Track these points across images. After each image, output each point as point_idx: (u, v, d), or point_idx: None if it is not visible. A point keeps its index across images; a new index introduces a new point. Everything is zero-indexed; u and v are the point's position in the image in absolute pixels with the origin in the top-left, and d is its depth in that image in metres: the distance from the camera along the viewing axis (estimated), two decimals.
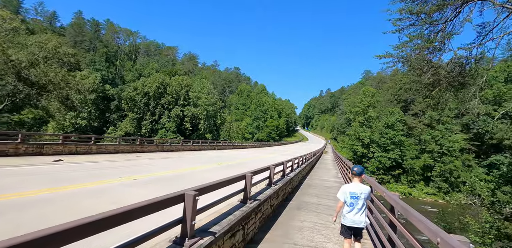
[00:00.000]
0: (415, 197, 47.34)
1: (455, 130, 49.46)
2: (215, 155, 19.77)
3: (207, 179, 6.23)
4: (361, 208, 3.66)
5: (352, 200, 3.66)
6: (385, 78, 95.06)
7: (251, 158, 19.08)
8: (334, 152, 36.93)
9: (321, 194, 9.49)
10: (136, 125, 63.48)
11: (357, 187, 3.72)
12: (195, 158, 17.11)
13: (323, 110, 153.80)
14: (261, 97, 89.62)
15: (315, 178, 13.82)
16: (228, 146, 29.49)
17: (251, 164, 15.00)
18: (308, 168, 15.96)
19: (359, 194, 3.67)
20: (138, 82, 65.84)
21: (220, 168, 12.30)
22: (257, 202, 4.72)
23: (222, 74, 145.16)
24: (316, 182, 12.28)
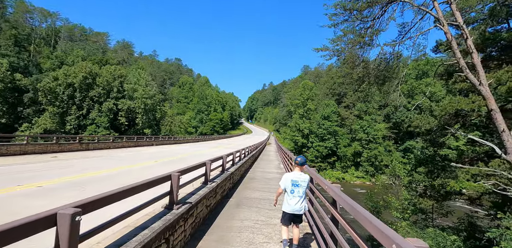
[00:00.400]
0: (348, 181, 52.60)
1: (378, 120, 56.13)
2: (153, 151, 18.02)
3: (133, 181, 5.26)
4: (302, 196, 3.84)
5: (293, 188, 3.83)
6: (321, 73, 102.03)
7: (192, 153, 18.01)
8: (277, 144, 38.08)
9: (263, 188, 9.25)
10: (59, 120, 54.80)
11: (298, 175, 3.90)
12: (127, 156, 15.23)
13: (266, 103, 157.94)
14: (204, 90, 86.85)
15: (258, 171, 13.68)
16: (169, 141, 27.49)
17: (192, 159, 14.04)
18: (251, 160, 15.76)
19: (300, 182, 3.85)
20: (60, 71, 56.49)
21: (154, 166, 11.06)
22: (187, 206, 4.01)
23: (162, 65, 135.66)
24: (259, 175, 12.15)
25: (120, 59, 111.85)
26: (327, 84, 71.32)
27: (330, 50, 11.61)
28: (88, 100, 56.60)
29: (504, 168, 10.29)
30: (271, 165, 17.03)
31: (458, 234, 12.10)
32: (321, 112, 57.33)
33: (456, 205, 25.96)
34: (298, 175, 3.92)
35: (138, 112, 59.19)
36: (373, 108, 56.43)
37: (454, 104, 9.84)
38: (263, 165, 16.42)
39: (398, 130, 58.26)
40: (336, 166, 56.32)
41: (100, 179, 7.88)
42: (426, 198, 13.44)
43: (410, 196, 13.32)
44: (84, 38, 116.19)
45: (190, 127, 77.28)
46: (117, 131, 58.54)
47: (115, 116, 58.35)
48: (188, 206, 4.01)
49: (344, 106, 62.55)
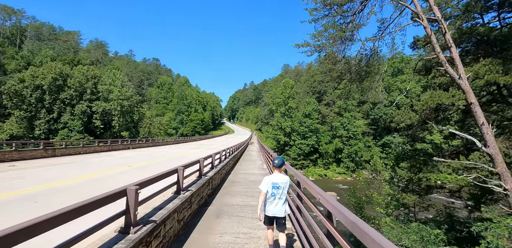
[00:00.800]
0: (330, 177, 53.23)
1: (358, 117, 57.30)
2: (129, 155, 16.84)
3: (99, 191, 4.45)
4: (282, 198, 3.76)
5: (274, 190, 3.74)
6: (301, 72, 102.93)
7: (172, 156, 17.03)
8: (259, 143, 37.60)
9: (246, 192, 8.61)
10: (27, 125, 51.13)
11: (279, 178, 3.81)
12: (99, 162, 14.01)
13: (248, 102, 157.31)
14: (183, 90, 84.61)
15: (240, 173, 13.01)
16: (147, 143, 26.04)
17: (171, 162, 13.17)
18: (232, 162, 15.07)
19: (280, 183, 3.77)
20: (26, 72, 52.71)
21: (128, 172, 10.10)
22: (150, 226, 3.24)
23: (139, 65, 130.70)
24: (241, 177, 11.55)
25: (94, 59, 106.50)
26: (308, 82, 71.92)
27: (311, 46, 11.18)
28: (59, 103, 53.33)
29: (485, 160, 10.37)
30: (253, 165, 16.45)
31: (439, 227, 12.18)
32: (302, 110, 57.60)
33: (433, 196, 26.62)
34: (278, 177, 3.83)
35: (114, 114, 56.59)
36: (353, 105, 57.51)
37: (435, 98, 9.79)
38: (245, 166, 15.82)
39: (377, 126, 59.80)
40: (318, 163, 56.87)
41: (60, 190, 6.90)
42: (409, 193, 13.46)
43: (392, 191, 13.29)
44: (54, 38, 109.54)
45: (170, 128, 75.00)
46: (92, 135, 55.70)
47: (89, 119, 55.48)
48: (152, 226, 3.30)
49: (324, 104, 63.27)
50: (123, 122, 58.72)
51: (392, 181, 14.82)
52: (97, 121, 54.65)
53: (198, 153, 18.44)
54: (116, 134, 57.60)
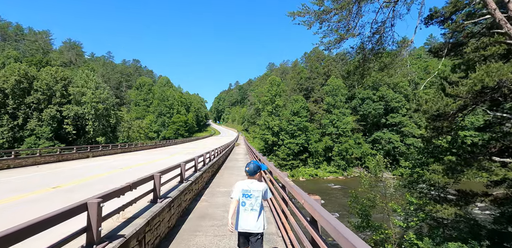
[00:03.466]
0: (321, 177, 51.28)
1: (347, 113, 55.72)
2: (77, 168, 12.86)
3: None
4: (256, 209, 3.05)
5: (244, 199, 3.10)
6: (287, 69, 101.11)
7: (135, 166, 13.62)
8: (247, 144, 34.85)
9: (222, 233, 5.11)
10: None
11: (250, 184, 3.17)
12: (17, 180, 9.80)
13: (233, 102, 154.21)
14: (164, 91, 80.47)
15: (218, 192, 8.83)
16: (114, 150, 22.10)
17: (136, 174, 10.21)
18: (211, 172, 12.26)
19: (253, 191, 3.11)
20: None
21: (41, 199, 6.99)
22: None
23: (117, 66, 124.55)
24: (217, 205, 7.16)
25: (67, 61, 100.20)
26: (294, 79, 69.90)
27: (311, 14, 8.45)
28: (25, 108, 48.73)
29: None
30: (239, 176, 12.28)
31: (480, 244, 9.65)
32: (290, 108, 55.36)
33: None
34: (249, 184, 3.17)
35: (88, 118, 52.32)
36: (341, 101, 55.85)
37: (493, 73, 7.17)
38: (227, 179, 11.77)
39: (366, 122, 58.54)
40: (308, 162, 54.84)
41: None
42: (445, 203, 10.80)
43: (416, 200, 10.53)
44: (21, 38, 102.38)
45: (151, 132, 70.88)
46: (64, 142, 51.35)
47: (59, 124, 50.98)
48: None
49: (312, 101, 61.40)
50: (99, 126, 54.48)
51: (412, 186, 12.26)
52: (68, 127, 50.29)
53: (171, 161, 15.32)
54: (91, 140, 53.35)
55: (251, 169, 3.24)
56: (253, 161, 3.49)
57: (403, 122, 54.04)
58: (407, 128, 53.72)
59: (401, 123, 54.19)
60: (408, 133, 53.75)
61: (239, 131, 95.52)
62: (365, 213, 14.40)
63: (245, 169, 3.28)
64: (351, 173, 53.51)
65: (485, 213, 13.70)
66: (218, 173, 13.53)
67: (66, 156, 15.31)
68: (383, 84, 56.30)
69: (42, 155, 13.84)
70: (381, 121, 57.35)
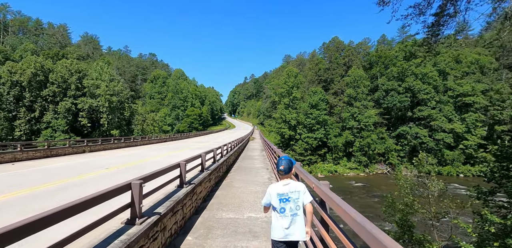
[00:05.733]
0: (341, 174, 48.38)
1: (369, 106, 51.95)
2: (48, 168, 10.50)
3: None
4: (296, 213, 2.63)
5: (283, 204, 2.64)
6: (304, 60, 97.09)
7: (135, 163, 11.59)
8: (263, 138, 32.56)
9: None
10: (7, 126, 47.02)
11: (286, 186, 2.70)
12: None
13: (249, 96, 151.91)
14: (178, 83, 79.31)
15: (220, 217, 5.95)
16: (117, 144, 20.04)
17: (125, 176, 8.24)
18: (218, 174, 10.02)
19: (290, 193, 2.65)
20: (3, 67, 48.21)
21: None
22: None
23: (133, 60, 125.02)
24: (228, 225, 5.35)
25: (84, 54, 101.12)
26: (312, 70, 66.31)
27: None
28: (41, 101, 49.03)
29: None
30: (257, 185, 9.23)
31: None
32: (308, 101, 52.25)
33: None
34: (284, 185, 2.69)
35: (102, 111, 51.96)
36: (363, 93, 52.02)
37: None
38: (238, 189, 8.63)
39: (390, 115, 54.47)
40: (327, 158, 51.91)
41: None
42: None
43: (499, 219, 7.50)
44: (40, 32, 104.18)
45: (165, 125, 70.18)
46: (79, 134, 51.58)
47: (75, 117, 51.10)
48: None
49: (332, 93, 57.84)
50: (113, 119, 54.17)
51: (489, 199, 9.28)
52: (83, 119, 50.21)
53: (173, 158, 13.27)
54: (106, 132, 53.14)
55: (286, 166, 2.72)
56: (284, 156, 2.89)
57: (432, 115, 49.59)
58: (437, 122, 49.27)
59: (430, 116, 49.78)
60: (437, 127, 49.34)
61: (255, 125, 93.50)
62: (407, 224, 11.79)
63: (279, 168, 2.74)
64: (373, 169, 50.15)
65: None
66: (226, 179, 10.24)
67: (57, 151, 13.49)
68: (410, 74, 51.75)
69: (22, 150, 11.99)
70: (407, 114, 53.12)
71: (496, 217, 7.10)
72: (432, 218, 13.12)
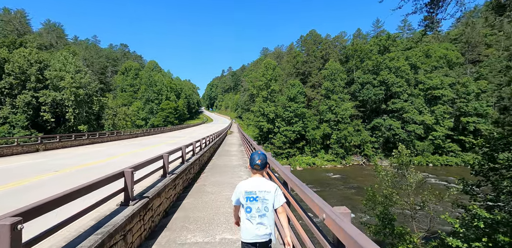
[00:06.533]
0: (318, 166, 49.00)
1: (345, 99, 52.71)
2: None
3: None
4: (264, 215, 2.43)
5: (249, 203, 2.46)
6: (282, 53, 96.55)
7: (75, 168, 10.07)
8: (241, 132, 31.68)
9: None
10: None
11: (255, 184, 2.51)
12: None
13: (226, 89, 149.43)
14: (152, 76, 75.55)
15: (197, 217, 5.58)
16: (80, 140, 18.23)
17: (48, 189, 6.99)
18: (193, 171, 9.00)
19: (259, 193, 2.46)
20: None
21: None
22: None
23: (102, 51, 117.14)
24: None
25: (46, 44, 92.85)
26: (290, 63, 65.93)
27: None
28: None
29: None
30: (232, 184, 8.37)
31: None
32: (286, 93, 51.91)
33: None
34: (254, 183, 2.50)
35: (68, 105, 48.16)
36: (340, 86, 52.57)
37: None
38: (211, 197, 7.19)
39: (365, 108, 55.75)
40: (305, 150, 52.32)
41: None
42: None
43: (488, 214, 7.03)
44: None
45: (139, 119, 66.91)
46: (42, 131, 47.54)
47: (36, 111, 46.96)
48: None
49: (310, 86, 57.93)
50: (81, 114, 50.55)
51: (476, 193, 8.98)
52: (46, 114, 46.28)
53: (137, 158, 11.55)
54: (72, 128, 49.47)
55: (263, 161, 2.56)
56: (259, 151, 2.74)
57: (404, 108, 51.41)
58: (409, 114, 51.20)
59: (403, 109, 51.57)
60: (409, 119, 51.30)
61: (233, 118, 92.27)
62: (388, 217, 11.61)
63: (255, 163, 2.55)
64: (349, 161, 51.39)
65: None
66: (197, 182, 8.68)
67: (1, 151, 11.58)
68: (384, 67, 52.99)
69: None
70: (381, 107, 54.67)
71: (486, 212, 6.88)
72: (411, 209, 13.16)
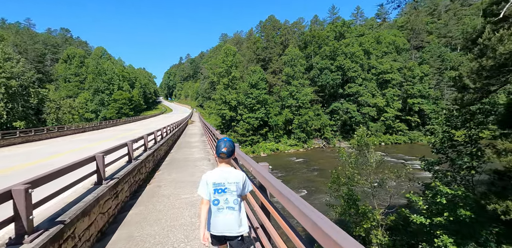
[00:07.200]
0: (282, 151, 50.02)
1: (305, 84, 53.75)
2: None
3: None
4: (234, 207, 2.31)
5: (217, 196, 2.30)
6: (242, 39, 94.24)
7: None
8: (202, 121, 30.39)
9: None
10: None
11: (224, 174, 2.34)
12: None
13: (185, 77, 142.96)
14: (101, 64, 68.47)
15: (145, 236, 4.22)
16: (12, 139, 15.53)
17: None
18: (144, 171, 7.94)
19: (227, 184, 2.31)
20: None
21: None
22: None
23: (38, 36, 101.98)
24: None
25: None
26: (250, 49, 64.64)
27: None
28: None
29: None
30: (193, 182, 7.36)
31: None
32: (248, 80, 51.07)
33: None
34: (222, 173, 2.33)
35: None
36: (300, 72, 53.24)
37: None
38: (170, 186, 6.98)
39: (324, 93, 57.62)
40: (268, 137, 52.86)
41: None
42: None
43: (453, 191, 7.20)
44: None
45: (88, 112, 60.86)
46: None
47: None
48: None
49: (270, 72, 57.73)
50: (16, 108, 44.23)
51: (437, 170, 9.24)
52: None
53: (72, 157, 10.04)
54: (6, 125, 43.17)
55: (229, 148, 2.35)
56: (225, 138, 2.47)
57: (359, 91, 54.24)
58: (363, 97, 54.24)
59: (358, 92, 54.39)
60: (364, 102, 54.41)
61: (193, 108, 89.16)
62: (353, 198, 11.97)
63: (221, 151, 2.33)
64: (311, 145, 53.28)
65: None
66: (151, 183, 7.45)
67: None
68: (340, 53, 54.76)
69: None
70: (338, 91, 56.97)
71: (449, 189, 7.18)
72: (372, 188, 13.78)
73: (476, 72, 6.80)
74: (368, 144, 13.65)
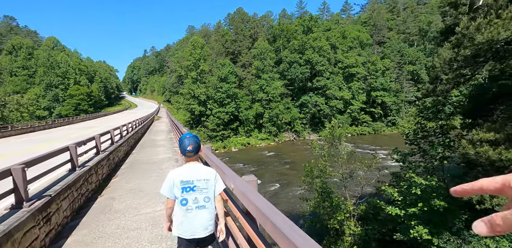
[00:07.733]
0: (253, 145, 49.87)
1: (275, 78, 53.78)
2: None
3: None
4: (203, 206, 2.11)
5: (185, 194, 2.09)
6: (210, 32, 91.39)
7: None
8: (169, 117, 28.82)
9: None
10: None
11: (192, 172, 2.17)
12: None
13: (151, 71, 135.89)
14: (53, 56, 61.96)
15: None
16: None
17: None
18: (95, 179, 6.85)
19: (196, 181, 2.13)
20: None
21: None
22: None
23: None
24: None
25: None
26: (219, 42, 62.83)
27: None
28: None
29: None
30: (157, 189, 6.10)
31: None
32: (217, 74, 49.69)
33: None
34: (191, 170, 2.17)
35: None
36: (269, 65, 53.03)
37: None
38: (128, 197, 5.87)
39: (293, 86, 58.21)
40: (239, 131, 52.36)
41: None
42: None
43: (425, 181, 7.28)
44: None
45: (40, 109, 55.09)
46: None
47: None
48: None
49: (240, 66, 56.77)
50: None
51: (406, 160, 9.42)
52: None
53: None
54: None
55: (194, 145, 2.16)
56: (188, 134, 2.29)
57: (327, 85, 55.60)
58: (331, 90, 55.72)
59: (326, 86, 55.72)
60: (331, 95, 55.94)
61: (160, 103, 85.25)
62: (327, 191, 11.94)
63: (187, 149, 2.15)
64: (281, 138, 53.80)
65: None
66: (103, 194, 6.22)
67: None
68: (309, 47, 55.42)
69: None
70: (307, 85, 57.89)
71: (423, 180, 7.25)
72: (343, 179, 13.94)
73: (449, 63, 6.86)
74: (341, 136, 13.72)
